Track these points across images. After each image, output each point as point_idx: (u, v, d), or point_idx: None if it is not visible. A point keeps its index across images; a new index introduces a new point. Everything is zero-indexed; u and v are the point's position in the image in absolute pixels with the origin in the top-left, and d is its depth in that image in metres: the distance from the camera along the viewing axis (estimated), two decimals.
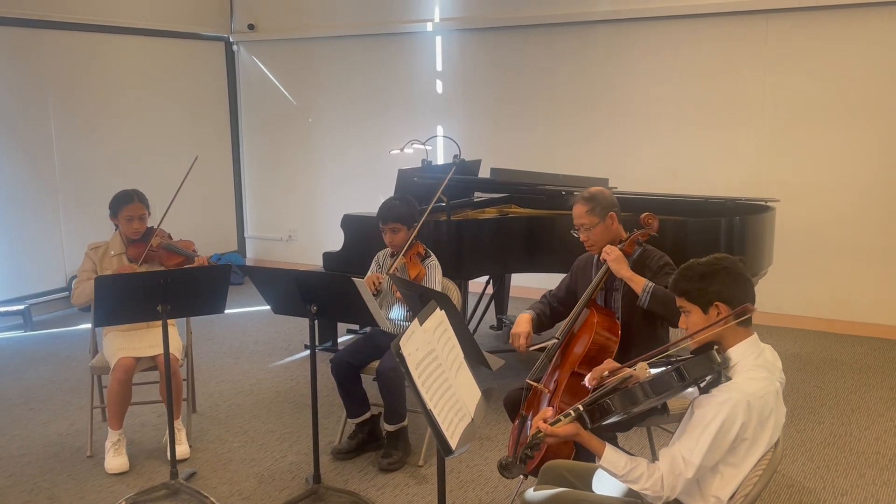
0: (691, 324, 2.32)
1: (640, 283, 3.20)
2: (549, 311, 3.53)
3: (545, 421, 2.27)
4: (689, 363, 2.21)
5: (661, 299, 3.13)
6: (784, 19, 5.91)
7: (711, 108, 6.25)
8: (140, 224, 4.04)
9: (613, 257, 3.25)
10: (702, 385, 2.22)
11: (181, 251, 4.05)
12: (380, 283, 3.88)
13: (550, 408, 2.41)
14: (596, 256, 3.40)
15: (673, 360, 2.32)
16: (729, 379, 2.22)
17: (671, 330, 3.48)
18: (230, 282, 3.62)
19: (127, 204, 4.04)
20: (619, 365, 2.61)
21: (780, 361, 2.36)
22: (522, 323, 3.37)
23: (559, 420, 2.27)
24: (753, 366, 2.23)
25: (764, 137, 6.10)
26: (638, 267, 3.30)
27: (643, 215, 3.38)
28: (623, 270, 3.24)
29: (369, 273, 4.11)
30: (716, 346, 2.26)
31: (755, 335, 2.30)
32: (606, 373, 2.49)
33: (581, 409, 2.27)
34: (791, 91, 5.97)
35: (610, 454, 2.25)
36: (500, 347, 5.63)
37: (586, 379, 2.64)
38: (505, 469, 2.41)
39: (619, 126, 6.60)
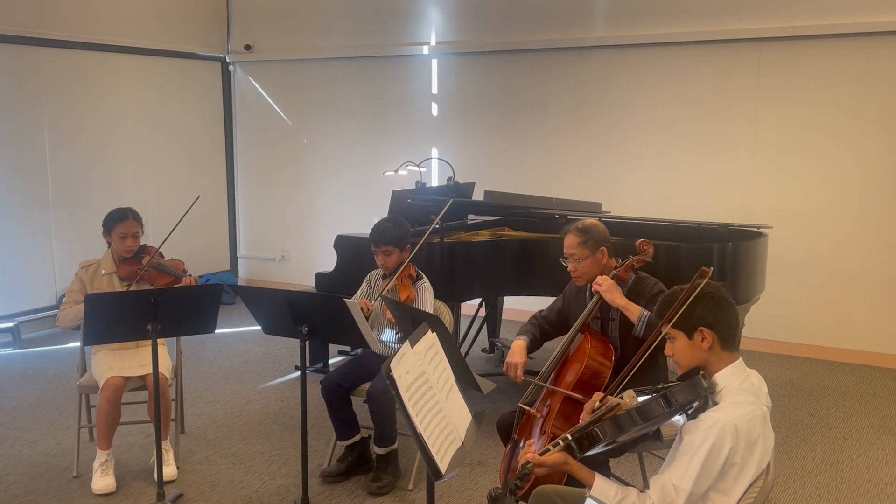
0: (677, 350, 2.32)
1: (635, 312, 3.18)
2: (540, 334, 3.52)
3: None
4: (676, 389, 2.21)
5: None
6: (777, 48, 5.97)
7: (704, 134, 6.29)
8: (133, 242, 4.03)
9: (605, 287, 3.23)
10: (689, 411, 2.22)
11: (170, 271, 4.04)
12: (368, 310, 3.86)
13: (542, 437, 2.40)
14: (588, 285, 3.39)
15: (660, 387, 2.32)
16: (716, 404, 2.21)
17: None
18: (221, 301, 3.61)
19: (121, 221, 4.02)
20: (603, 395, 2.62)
21: (766, 386, 2.35)
22: (517, 352, 3.34)
23: (548, 450, 2.25)
24: (740, 390, 2.23)
25: (756, 164, 6.14)
26: (632, 294, 3.28)
27: (638, 242, 3.38)
28: (617, 299, 3.21)
29: (358, 293, 4.10)
30: (702, 372, 2.25)
31: (740, 360, 2.30)
32: (597, 404, 2.48)
33: (570, 438, 2.26)
34: (783, 118, 6.01)
35: (600, 484, 2.24)
36: (492, 370, 5.61)
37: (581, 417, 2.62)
38: (495, 501, 2.39)
39: (613, 151, 6.64)
